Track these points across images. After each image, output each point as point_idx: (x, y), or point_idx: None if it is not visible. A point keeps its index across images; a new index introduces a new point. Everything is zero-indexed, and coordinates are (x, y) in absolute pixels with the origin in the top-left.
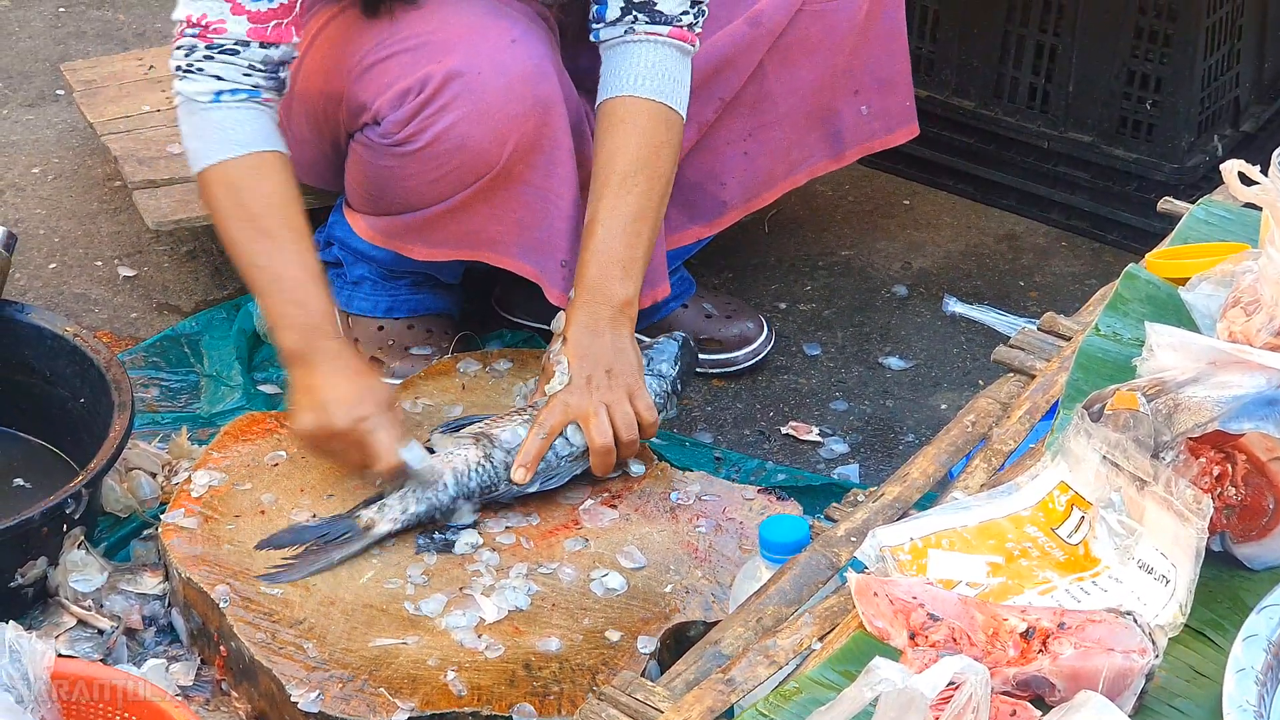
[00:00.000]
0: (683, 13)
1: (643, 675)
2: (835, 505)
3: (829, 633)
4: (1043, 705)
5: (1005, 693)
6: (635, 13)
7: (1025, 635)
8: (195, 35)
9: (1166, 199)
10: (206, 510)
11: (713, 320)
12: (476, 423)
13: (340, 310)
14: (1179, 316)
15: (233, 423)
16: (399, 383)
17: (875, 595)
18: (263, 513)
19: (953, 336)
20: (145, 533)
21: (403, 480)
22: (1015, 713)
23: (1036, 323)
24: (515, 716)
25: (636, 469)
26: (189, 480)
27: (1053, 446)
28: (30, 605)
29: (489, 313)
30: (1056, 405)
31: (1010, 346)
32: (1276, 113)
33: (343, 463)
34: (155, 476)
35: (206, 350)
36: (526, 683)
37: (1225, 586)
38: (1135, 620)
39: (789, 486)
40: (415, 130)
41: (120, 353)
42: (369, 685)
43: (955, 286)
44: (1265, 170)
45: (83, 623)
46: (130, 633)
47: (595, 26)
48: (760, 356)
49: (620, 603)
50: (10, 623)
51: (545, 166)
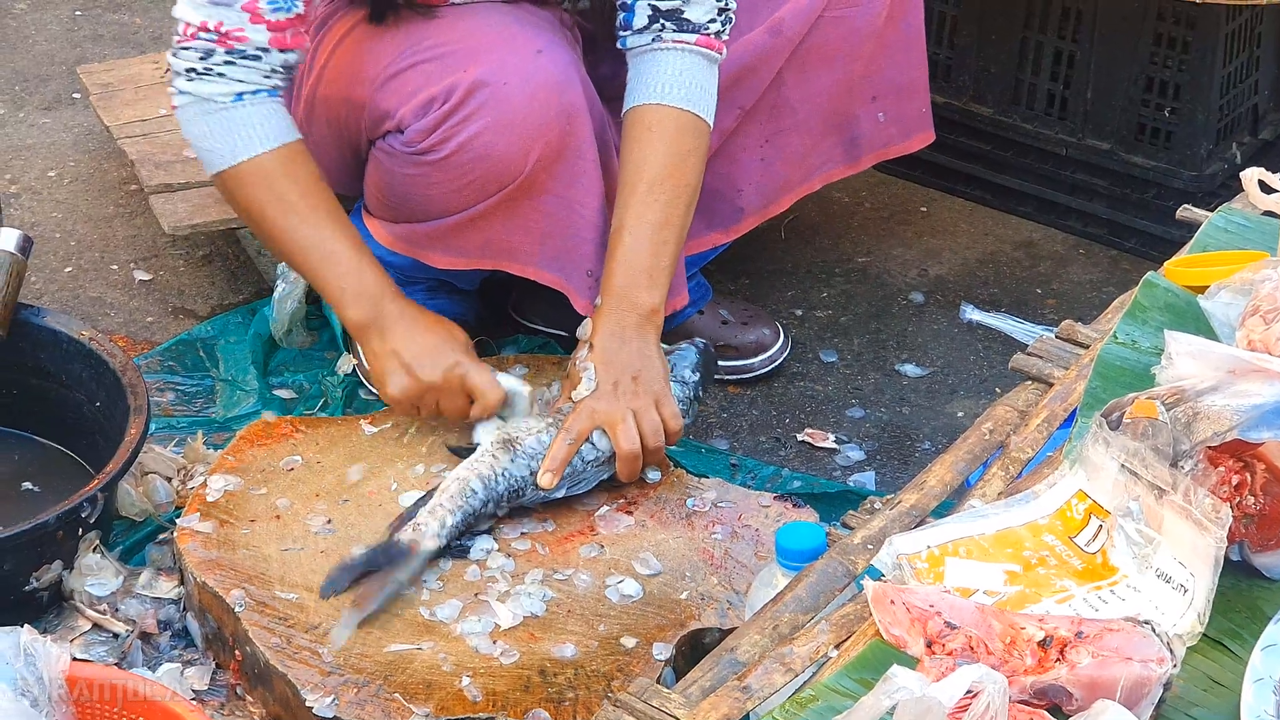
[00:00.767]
0: (710, 21)
1: (658, 682)
2: (852, 513)
3: (845, 640)
4: (1060, 714)
5: (1023, 701)
6: (663, 20)
7: (1043, 644)
8: (213, 40)
9: (1185, 206)
10: (222, 514)
11: (729, 327)
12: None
13: None
14: (1198, 324)
15: (248, 427)
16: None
17: (892, 603)
18: (278, 517)
19: (970, 344)
20: (160, 537)
21: (506, 413)
22: None
23: (1054, 330)
24: None
25: (653, 475)
26: (204, 484)
27: (1071, 455)
28: (45, 609)
29: (505, 319)
30: (1075, 413)
31: (1028, 354)
32: None
33: (445, 414)
34: (171, 481)
35: (222, 354)
36: (541, 689)
37: (1243, 596)
38: (1153, 629)
39: (805, 493)
40: (439, 139)
41: (136, 357)
42: (384, 690)
43: (972, 294)
44: None
45: (98, 627)
46: (145, 637)
47: (622, 34)
48: (777, 363)
49: (636, 609)
50: (25, 626)
51: (569, 176)
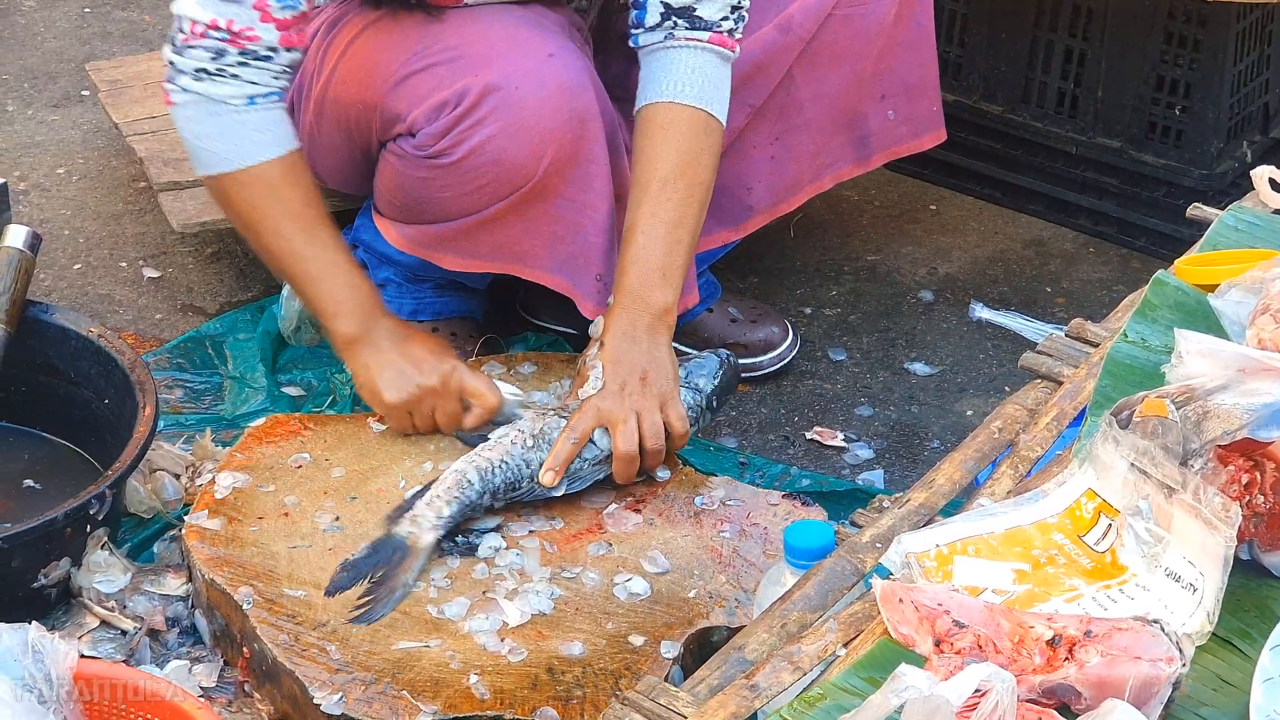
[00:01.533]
0: (723, 18)
1: (666, 680)
2: (860, 511)
3: (854, 639)
4: (1069, 713)
5: (1031, 700)
6: (675, 18)
7: (1051, 643)
8: (225, 40)
9: (1195, 205)
10: (230, 512)
11: (738, 324)
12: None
13: None
14: (1208, 323)
15: (256, 424)
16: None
17: (900, 602)
18: (286, 514)
19: (979, 342)
20: (169, 534)
21: (500, 417)
22: None
23: (1064, 329)
24: None
25: (662, 474)
26: (213, 482)
27: (1080, 453)
28: (53, 606)
29: (514, 316)
30: (1084, 412)
31: (1038, 353)
32: None
33: (440, 422)
34: (179, 478)
35: (231, 352)
36: (549, 687)
37: (1253, 595)
38: (1162, 628)
39: (814, 492)
40: (451, 143)
41: (145, 354)
42: (391, 688)
43: (982, 292)
44: None
45: (106, 624)
46: (153, 634)
47: (634, 32)
48: (785, 361)
49: (644, 607)
50: (33, 623)
51: (581, 180)
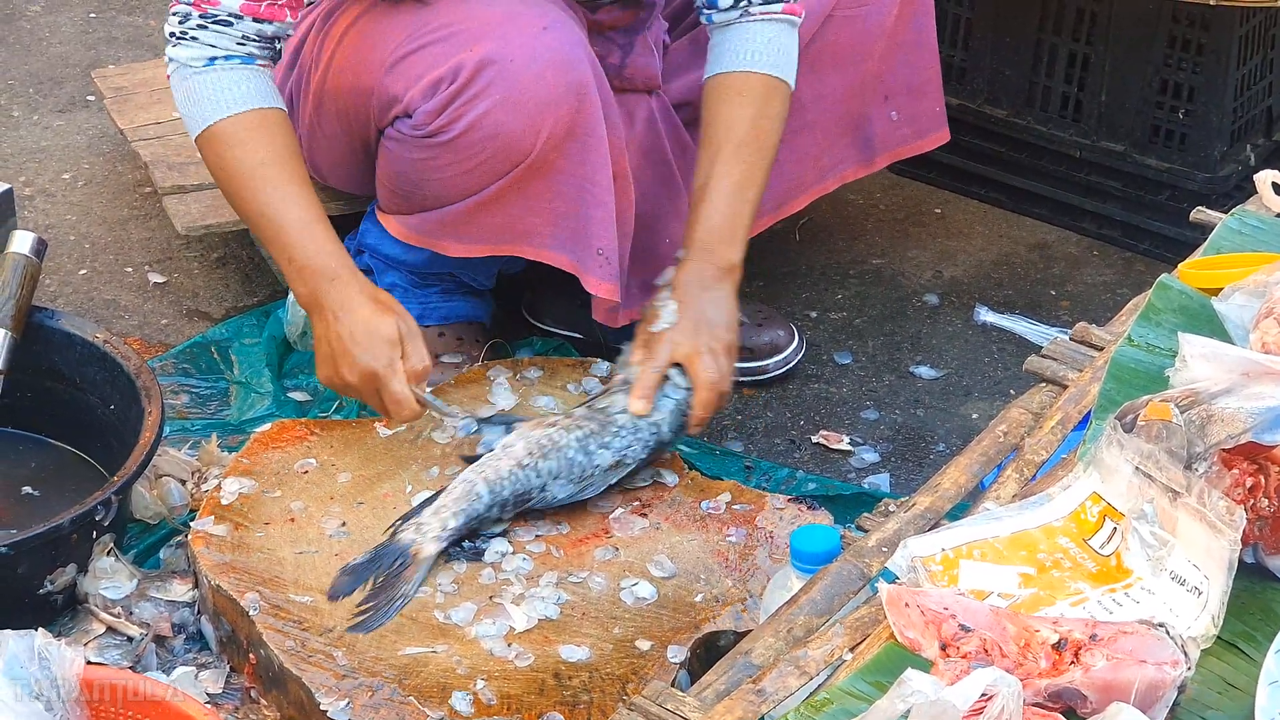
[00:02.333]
0: None
1: (673, 685)
2: (866, 515)
3: (860, 643)
4: (1075, 717)
5: (1037, 704)
6: None
7: (1057, 647)
8: (190, 4)
9: (1199, 209)
10: (236, 517)
11: (744, 328)
12: (520, 422)
13: None
14: (1212, 327)
15: (263, 430)
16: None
17: (907, 606)
18: (292, 520)
19: (984, 346)
20: (175, 540)
21: (430, 416)
22: None
23: (1068, 332)
24: None
25: (669, 478)
26: (219, 487)
27: (1085, 457)
28: (60, 612)
29: (520, 320)
30: (1089, 416)
31: (1042, 356)
32: None
33: (374, 405)
34: (185, 483)
35: (236, 357)
36: (556, 692)
37: (1257, 598)
38: (1167, 632)
39: (820, 496)
40: (448, 120)
41: (150, 359)
42: (398, 694)
43: (987, 295)
44: None
45: (112, 630)
46: (160, 640)
47: (707, 11)
48: (791, 365)
49: (650, 612)
50: (40, 630)
51: (580, 154)
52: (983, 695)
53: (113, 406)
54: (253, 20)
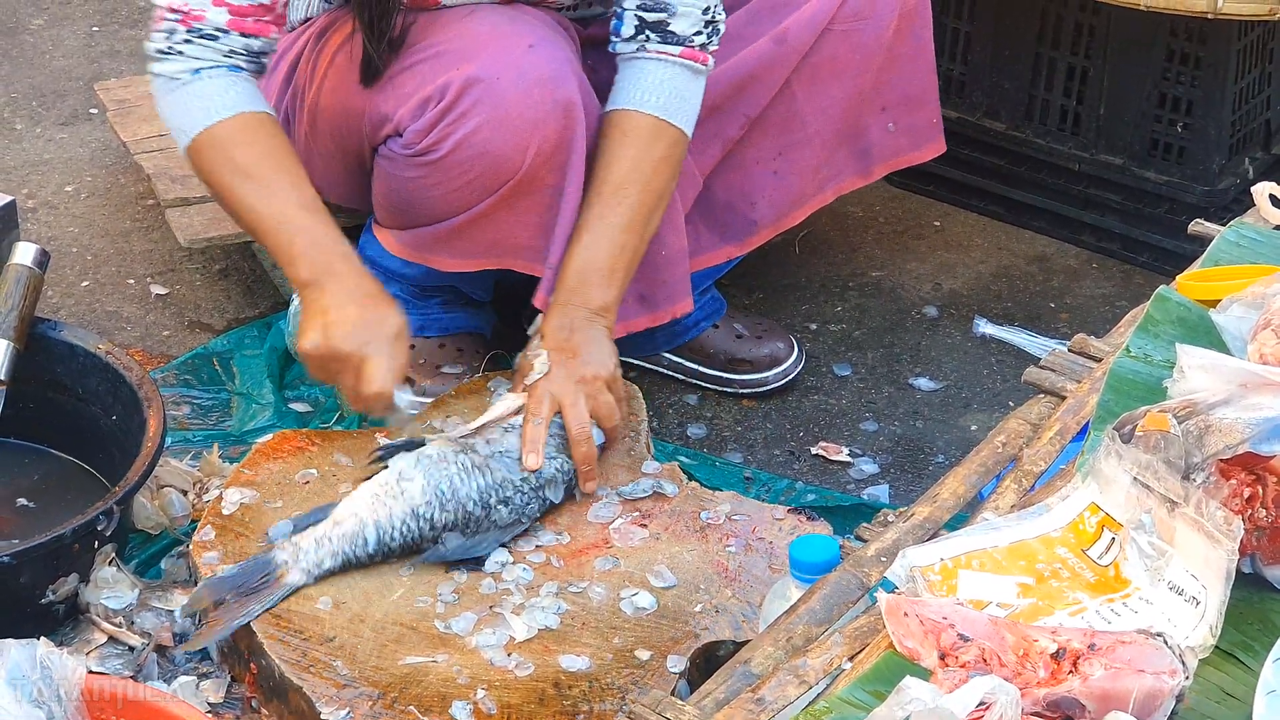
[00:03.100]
0: (695, 33)
1: (672, 694)
2: (865, 525)
3: (859, 653)
4: None
5: (1035, 714)
6: (648, 32)
7: (1056, 656)
8: (177, 20)
9: (1197, 221)
10: (238, 528)
11: (743, 340)
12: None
13: None
14: (1210, 338)
15: (264, 440)
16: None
17: (905, 615)
18: None
19: (983, 358)
20: (176, 550)
21: (390, 419)
22: None
23: (1067, 344)
24: None
25: (670, 489)
26: (220, 498)
27: (1083, 468)
28: (61, 622)
29: (519, 332)
30: (1087, 427)
31: (1041, 368)
32: None
33: (343, 388)
34: (186, 494)
35: (238, 368)
36: (556, 701)
37: (1255, 608)
38: (1165, 641)
39: (819, 506)
40: (437, 139)
41: (152, 370)
42: (399, 703)
43: (986, 308)
44: None
45: (114, 639)
46: (161, 650)
47: (613, 39)
48: (791, 377)
49: (650, 622)
50: (41, 639)
51: (568, 171)
52: (981, 704)
53: (115, 417)
54: (239, 35)
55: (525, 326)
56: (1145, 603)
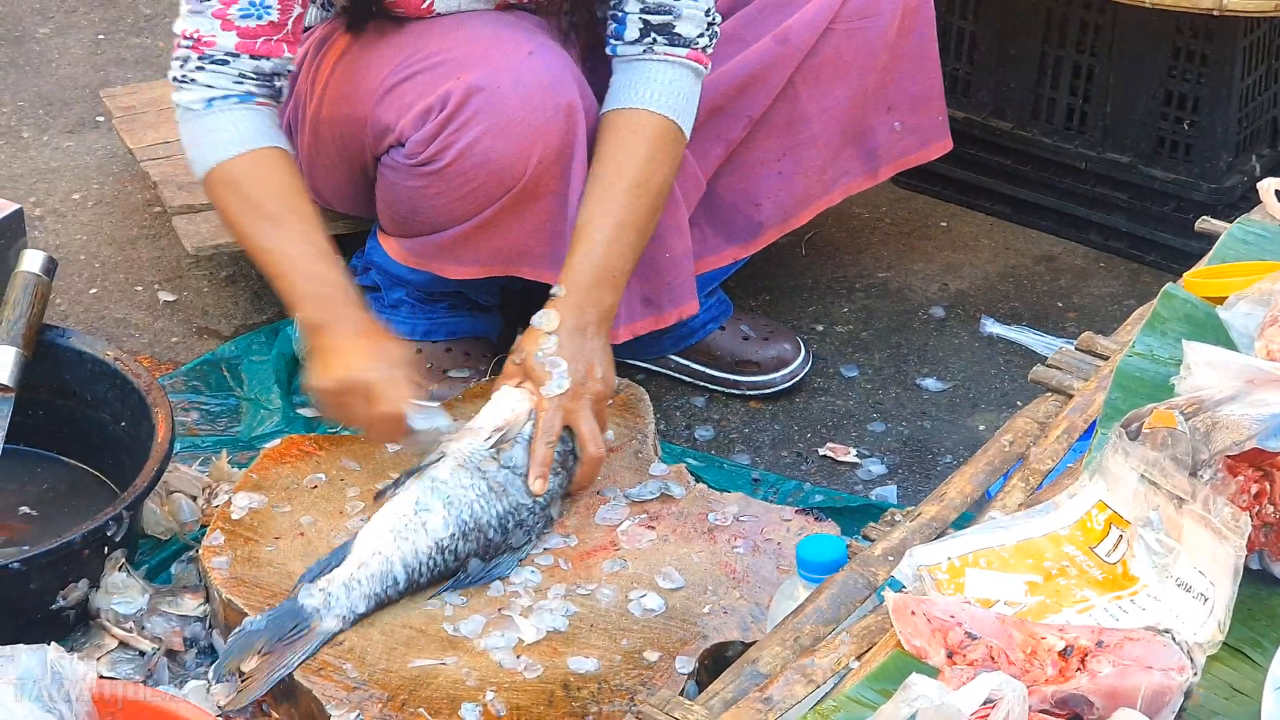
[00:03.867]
0: (699, 35)
1: (681, 695)
2: (872, 525)
3: (867, 651)
4: None
5: (1044, 711)
6: (655, 34)
7: (1063, 653)
8: (189, 47)
9: (1204, 219)
10: (247, 532)
11: (750, 342)
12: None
13: None
14: (1217, 335)
15: (272, 445)
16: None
17: (913, 614)
18: (302, 534)
19: (990, 358)
20: (186, 555)
21: (407, 443)
22: None
23: (1074, 343)
24: None
25: (678, 491)
26: (229, 503)
27: (1091, 465)
28: (72, 627)
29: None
30: (1094, 424)
31: (1048, 366)
32: None
33: (358, 419)
34: (195, 499)
35: (246, 374)
36: (565, 703)
37: (1263, 604)
38: (1173, 638)
39: (827, 508)
40: (439, 149)
41: (160, 377)
42: (408, 705)
43: (993, 308)
44: None
45: (124, 645)
46: (171, 654)
47: (613, 42)
48: (798, 378)
49: (659, 623)
50: (52, 644)
51: (571, 175)
52: (988, 702)
53: (123, 423)
54: (249, 58)
55: (521, 326)
56: (1153, 600)
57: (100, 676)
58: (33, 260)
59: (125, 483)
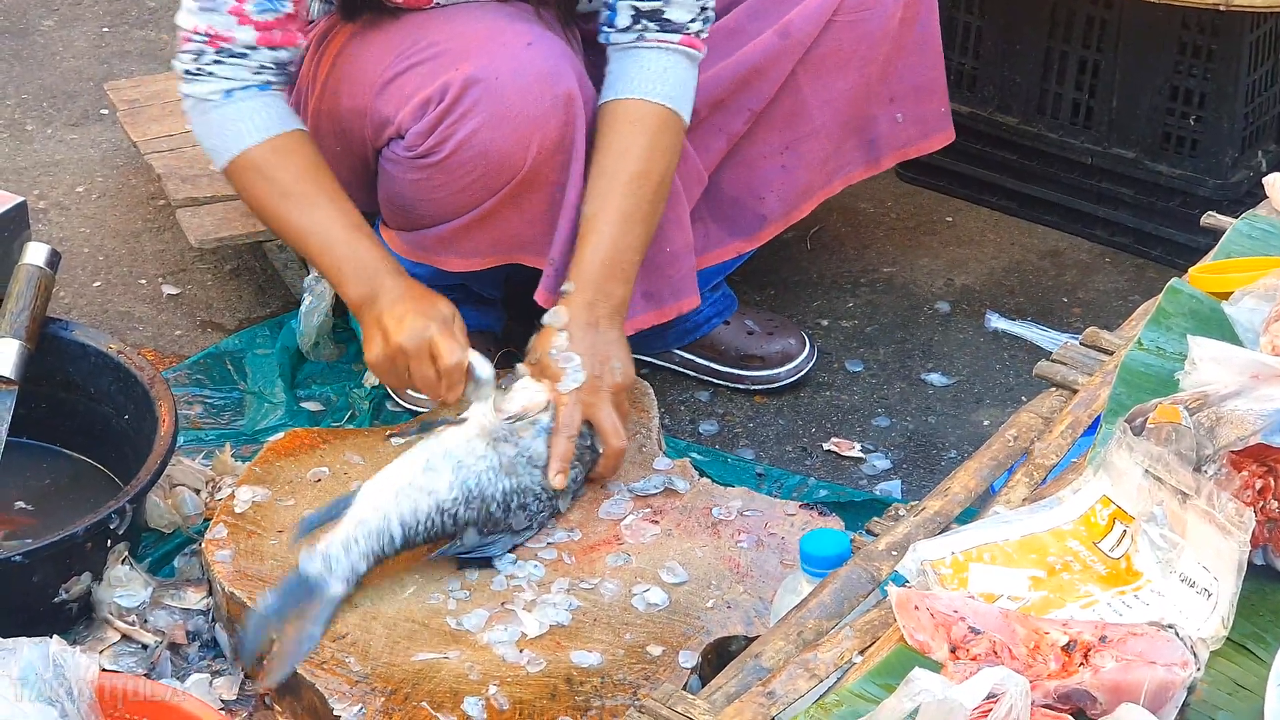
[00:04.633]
0: (691, 20)
1: (684, 690)
2: (876, 519)
3: (870, 646)
4: (1084, 718)
5: (1047, 706)
6: (646, 21)
7: (1067, 648)
8: (204, 41)
9: (1210, 214)
10: (250, 526)
11: (755, 337)
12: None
13: None
14: (1222, 330)
15: (275, 439)
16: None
17: (916, 609)
18: None
19: (995, 353)
20: (189, 548)
21: (471, 390)
22: None
23: (1079, 338)
24: None
25: (682, 485)
26: (232, 496)
27: (1095, 460)
28: (75, 620)
29: (531, 329)
30: (1099, 420)
31: (1052, 361)
32: None
33: (426, 378)
34: (199, 492)
35: (250, 367)
36: (568, 697)
37: (1267, 600)
38: (1177, 633)
39: (831, 502)
40: (438, 141)
41: (164, 370)
42: (411, 699)
43: (998, 303)
44: None
45: (127, 638)
46: (174, 647)
47: (605, 30)
48: (802, 373)
49: (662, 618)
50: (54, 637)
51: (570, 166)
52: (991, 696)
53: (127, 417)
54: (268, 49)
55: (536, 323)
56: (1157, 595)
57: (103, 670)
58: (36, 253)
59: (128, 476)
